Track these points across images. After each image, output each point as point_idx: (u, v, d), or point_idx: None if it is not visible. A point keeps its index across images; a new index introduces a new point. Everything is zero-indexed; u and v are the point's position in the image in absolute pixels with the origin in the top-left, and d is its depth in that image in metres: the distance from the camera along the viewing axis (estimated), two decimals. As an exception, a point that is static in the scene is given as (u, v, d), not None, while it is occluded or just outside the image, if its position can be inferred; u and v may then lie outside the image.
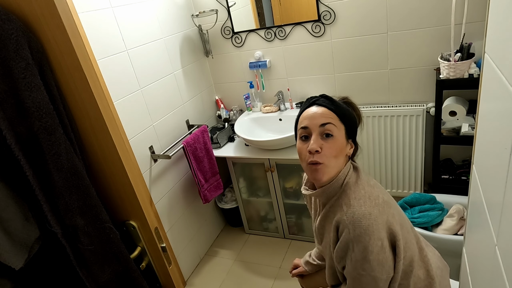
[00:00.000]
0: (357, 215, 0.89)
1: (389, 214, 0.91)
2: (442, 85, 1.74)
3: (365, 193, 0.93)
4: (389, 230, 0.90)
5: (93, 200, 0.84)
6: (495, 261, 0.53)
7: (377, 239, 0.87)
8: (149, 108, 1.91)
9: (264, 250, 2.39)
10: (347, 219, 0.90)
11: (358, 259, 0.89)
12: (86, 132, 0.86)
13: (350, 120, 1.00)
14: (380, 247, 0.88)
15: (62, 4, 0.72)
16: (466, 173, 1.95)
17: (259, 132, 2.27)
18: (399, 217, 0.95)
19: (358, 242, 0.88)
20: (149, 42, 1.91)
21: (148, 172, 1.90)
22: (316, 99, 1.01)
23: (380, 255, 0.88)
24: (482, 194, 0.64)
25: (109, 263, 0.91)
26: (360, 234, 0.87)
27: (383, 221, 0.89)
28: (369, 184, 0.97)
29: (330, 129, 0.94)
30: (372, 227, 0.87)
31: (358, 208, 0.90)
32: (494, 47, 0.57)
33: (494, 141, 0.56)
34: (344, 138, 0.97)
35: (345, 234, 0.91)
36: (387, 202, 0.94)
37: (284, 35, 2.15)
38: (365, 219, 0.88)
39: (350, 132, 1.00)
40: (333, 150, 0.94)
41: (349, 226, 0.89)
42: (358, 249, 0.88)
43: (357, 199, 0.92)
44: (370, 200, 0.91)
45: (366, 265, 0.89)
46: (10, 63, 0.69)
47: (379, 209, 0.90)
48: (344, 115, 0.98)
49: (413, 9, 1.81)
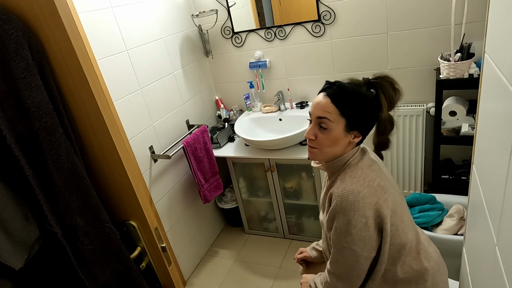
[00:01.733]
0: (346, 190, 0.95)
1: (380, 197, 0.96)
2: (442, 85, 1.74)
3: (362, 174, 0.99)
4: (377, 212, 0.95)
5: (93, 200, 0.84)
6: (495, 261, 0.53)
7: (362, 216, 0.93)
8: (149, 108, 1.91)
9: (264, 250, 2.39)
10: (337, 191, 0.97)
11: (342, 230, 0.96)
12: (86, 132, 0.86)
13: (355, 113, 0.99)
14: (363, 224, 0.94)
15: (62, 4, 0.72)
16: (466, 173, 1.95)
17: (259, 132, 2.27)
18: (394, 203, 0.98)
19: (343, 215, 0.95)
20: (149, 42, 1.91)
21: (148, 172, 1.90)
22: (328, 86, 1.02)
23: (363, 231, 0.94)
24: (482, 194, 0.64)
25: (109, 263, 0.91)
26: (345, 207, 0.94)
27: (371, 201, 0.94)
28: (370, 168, 1.01)
29: (325, 123, 0.99)
30: (357, 203, 0.93)
31: (350, 184, 0.96)
32: (494, 47, 0.57)
33: (494, 141, 0.56)
34: (342, 131, 0.99)
35: (333, 205, 0.98)
36: (383, 187, 0.97)
37: (284, 35, 2.15)
38: (352, 195, 0.94)
39: (354, 124, 1.00)
40: (326, 140, 1.01)
41: (337, 198, 0.96)
42: (343, 221, 0.95)
43: (351, 177, 0.98)
44: (364, 181, 0.97)
45: (348, 238, 0.96)
46: (10, 63, 0.69)
47: (371, 190, 0.95)
48: (347, 109, 0.98)
49: (413, 9, 1.81)
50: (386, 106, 1.00)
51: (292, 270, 2.17)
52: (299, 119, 2.15)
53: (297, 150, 2.03)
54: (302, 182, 2.20)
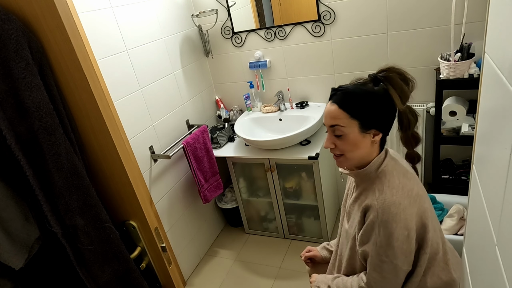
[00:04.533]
0: (388, 202, 0.91)
1: (420, 207, 0.93)
2: (442, 85, 1.74)
3: (399, 183, 0.95)
4: (421, 221, 0.93)
5: (93, 200, 0.84)
6: (495, 261, 0.53)
7: (404, 228, 0.90)
8: (149, 108, 1.91)
9: (264, 250, 2.39)
10: (377, 203, 0.93)
11: (383, 244, 0.92)
12: (86, 132, 0.86)
13: (366, 112, 0.96)
14: (405, 237, 0.91)
15: (62, 4, 0.72)
16: (466, 173, 1.95)
17: (259, 132, 2.27)
18: (431, 213, 0.97)
19: (385, 228, 0.91)
20: (149, 42, 1.91)
21: (148, 172, 1.90)
22: (333, 93, 1.01)
23: (404, 244, 0.91)
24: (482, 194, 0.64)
25: (109, 263, 0.91)
26: (387, 219, 0.90)
27: (412, 212, 0.91)
28: (406, 176, 0.99)
29: (338, 129, 0.98)
30: (399, 215, 0.90)
31: (390, 195, 0.92)
32: (494, 47, 0.57)
33: (494, 141, 0.56)
34: (358, 133, 0.97)
35: (372, 216, 0.94)
36: (421, 196, 0.95)
37: (284, 35, 2.15)
38: (394, 207, 0.90)
39: (369, 123, 0.96)
40: (346, 146, 0.99)
41: (378, 210, 0.92)
42: (384, 233, 0.91)
43: (390, 188, 0.94)
44: (403, 191, 0.93)
45: (390, 252, 0.92)
46: (10, 63, 0.69)
47: (410, 200, 0.92)
48: (356, 110, 0.96)
49: (413, 9, 1.81)
50: (398, 98, 0.96)
51: (292, 270, 2.17)
52: (299, 119, 2.15)
53: (297, 150, 2.03)
54: (302, 182, 2.20)
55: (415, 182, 0.99)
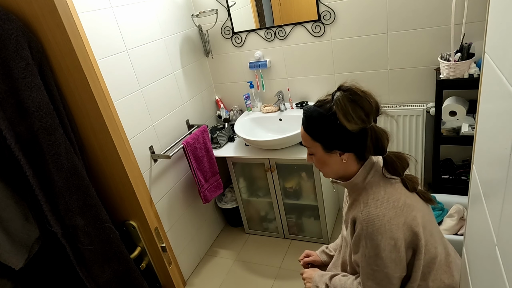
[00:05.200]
0: (371, 215, 0.93)
1: (408, 216, 0.93)
2: (442, 85, 1.74)
3: (385, 194, 0.95)
4: (410, 230, 0.93)
5: (93, 200, 0.84)
6: (495, 261, 0.53)
7: (390, 238, 0.91)
8: (149, 108, 1.91)
9: (264, 250, 2.39)
10: (362, 216, 0.95)
11: (371, 255, 0.94)
12: (86, 132, 0.86)
13: (322, 134, 0.97)
14: (392, 246, 0.92)
15: (62, 4, 0.72)
16: (466, 173, 1.95)
17: (259, 132, 2.27)
18: (423, 219, 0.96)
19: (371, 240, 0.93)
20: (149, 42, 1.91)
21: (148, 172, 1.90)
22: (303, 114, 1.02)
23: (392, 253, 0.92)
24: (482, 194, 0.64)
25: (109, 263, 0.91)
26: (372, 232, 0.92)
27: (398, 222, 0.92)
28: (393, 186, 0.97)
29: (308, 149, 1.03)
30: (384, 227, 0.91)
31: (374, 208, 0.94)
32: (494, 47, 0.57)
33: (494, 141, 0.56)
34: (323, 153, 1.00)
35: (358, 229, 0.96)
36: (409, 205, 0.95)
37: (284, 35, 2.15)
38: (378, 220, 0.92)
39: (329, 145, 0.97)
40: (317, 163, 1.05)
41: (363, 223, 0.94)
42: (371, 245, 0.93)
43: (375, 200, 0.95)
44: (388, 202, 0.94)
45: (379, 261, 0.94)
46: (10, 63, 0.69)
47: (396, 211, 0.93)
48: (315, 133, 0.98)
49: (413, 9, 1.81)
50: (344, 120, 0.90)
51: (292, 270, 2.17)
52: (299, 119, 2.13)
53: (297, 150, 2.03)
54: (302, 182, 2.20)
55: (402, 191, 0.97)
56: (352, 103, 0.91)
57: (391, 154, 0.98)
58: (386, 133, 0.96)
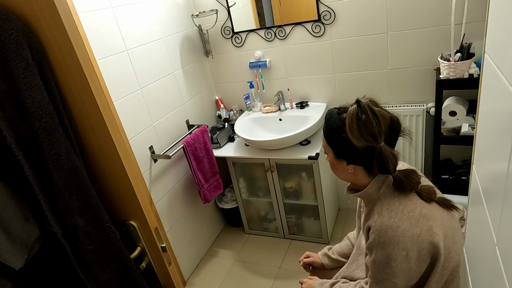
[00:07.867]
0: (384, 225, 0.93)
1: (424, 227, 0.92)
2: (442, 85, 1.74)
3: (400, 205, 0.95)
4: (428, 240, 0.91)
5: (93, 200, 0.84)
6: (495, 261, 0.53)
7: (402, 249, 0.91)
8: (149, 108, 1.91)
9: (264, 250, 2.39)
10: (375, 226, 0.95)
11: (382, 263, 0.95)
12: (86, 132, 0.86)
13: (335, 142, 0.99)
14: (404, 257, 0.91)
15: (62, 4, 0.72)
16: (466, 173, 1.95)
17: (259, 132, 2.27)
18: (442, 226, 0.95)
19: (382, 249, 0.94)
20: (149, 42, 1.91)
21: (148, 172, 1.90)
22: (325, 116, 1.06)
23: (403, 264, 0.92)
24: (482, 194, 0.64)
25: (109, 263, 0.91)
26: (384, 242, 0.93)
27: (413, 234, 0.91)
28: (408, 196, 0.96)
29: (324, 149, 1.07)
30: (397, 238, 0.91)
31: (387, 218, 0.94)
32: (494, 47, 0.57)
33: (494, 141, 0.56)
34: (333, 158, 1.03)
35: (371, 238, 0.97)
36: (425, 215, 0.93)
37: (284, 35, 2.15)
38: (391, 230, 0.92)
39: (339, 153, 1.00)
40: (330, 164, 1.08)
41: (375, 233, 0.95)
42: (382, 255, 0.94)
43: (389, 210, 0.95)
44: (403, 213, 0.93)
45: (388, 270, 0.94)
46: (10, 63, 0.69)
47: (411, 222, 0.92)
48: (330, 138, 1.01)
49: (413, 9, 1.81)
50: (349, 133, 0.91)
51: (292, 270, 2.17)
52: (299, 119, 2.15)
53: (297, 150, 2.03)
54: (302, 182, 2.20)
55: (418, 201, 0.96)
56: (358, 122, 0.91)
57: (399, 173, 0.97)
58: (394, 157, 0.95)
